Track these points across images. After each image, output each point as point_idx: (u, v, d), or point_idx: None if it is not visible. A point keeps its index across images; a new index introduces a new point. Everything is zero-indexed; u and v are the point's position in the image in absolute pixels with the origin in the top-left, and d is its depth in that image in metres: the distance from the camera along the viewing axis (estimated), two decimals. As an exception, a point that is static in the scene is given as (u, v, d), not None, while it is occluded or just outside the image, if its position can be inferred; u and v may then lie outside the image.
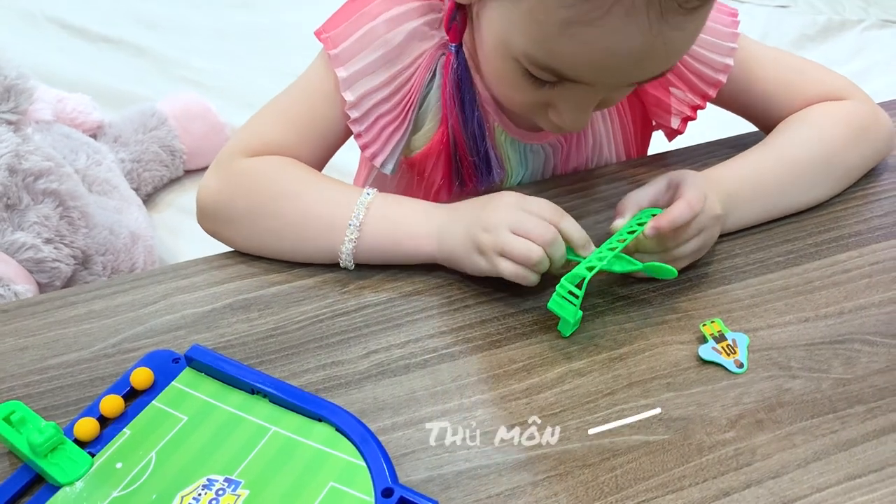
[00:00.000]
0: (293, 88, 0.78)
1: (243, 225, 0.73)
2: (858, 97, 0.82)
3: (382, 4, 0.73)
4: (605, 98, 0.69)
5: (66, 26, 1.92)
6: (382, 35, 0.72)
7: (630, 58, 0.60)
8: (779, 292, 0.70)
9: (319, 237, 0.71)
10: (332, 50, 0.72)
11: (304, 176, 0.74)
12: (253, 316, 0.69)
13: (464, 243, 0.68)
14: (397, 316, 0.69)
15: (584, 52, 0.59)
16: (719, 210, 0.70)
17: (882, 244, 0.75)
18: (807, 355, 0.65)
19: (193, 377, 0.61)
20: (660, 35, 0.58)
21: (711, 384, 0.63)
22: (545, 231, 0.65)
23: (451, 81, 0.74)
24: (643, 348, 0.65)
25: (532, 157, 0.84)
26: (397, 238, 0.71)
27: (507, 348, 0.66)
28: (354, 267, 0.72)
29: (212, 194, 0.75)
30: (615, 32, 0.57)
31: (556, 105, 0.67)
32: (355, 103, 0.73)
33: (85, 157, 1.23)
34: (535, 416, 0.60)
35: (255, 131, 0.77)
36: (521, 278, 0.65)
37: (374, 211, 0.70)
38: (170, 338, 0.67)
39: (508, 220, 0.66)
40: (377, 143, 0.76)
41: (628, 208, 0.69)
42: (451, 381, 0.63)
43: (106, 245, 1.10)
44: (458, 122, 0.76)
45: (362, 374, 0.64)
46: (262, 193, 0.72)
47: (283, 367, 0.64)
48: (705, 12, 0.60)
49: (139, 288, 0.72)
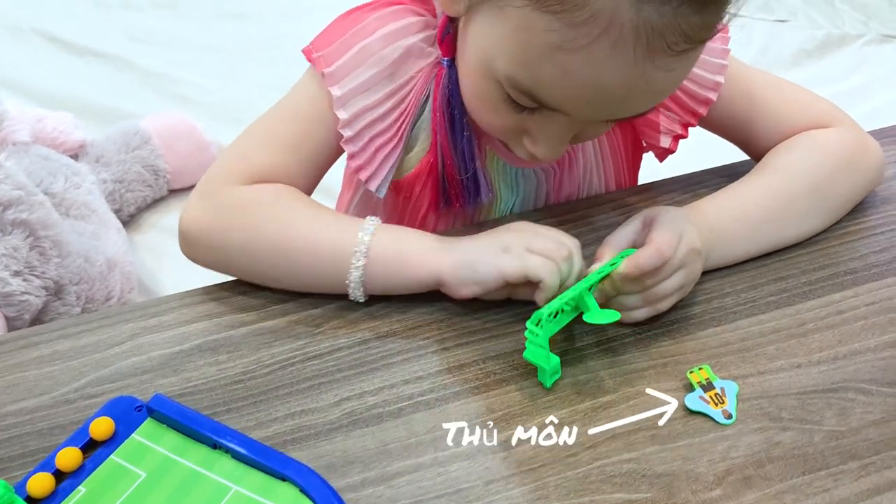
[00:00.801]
0: (279, 108, 0.76)
1: (240, 258, 0.71)
2: (847, 124, 0.80)
3: (379, 21, 0.71)
4: (582, 132, 0.67)
5: (54, 40, 1.89)
6: (378, 51, 0.70)
7: (613, 93, 0.58)
8: (770, 335, 0.67)
9: (325, 268, 0.69)
10: (326, 69, 0.70)
11: (301, 206, 0.71)
12: (221, 359, 0.66)
13: (487, 245, 0.67)
14: (372, 359, 0.66)
15: (567, 80, 0.57)
16: (698, 244, 0.67)
17: (878, 283, 0.72)
18: (798, 405, 0.62)
19: (155, 429, 0.58)
20: (644, 73, 0.56)
21: (698, 437, 0.60)
22: (561, 247, 0.65)
23: (442, 96, 0.72)
24: (627, 397, 0.62)
25: (524, 182, 0.81)
26: (404, 260, 0.68)
27: (485, 396, 0.63)
28: (365, 299, 0.69)
29: (200, 225, 0.72)
30: (600, 64, 0.55)
31: (532, 133, 0.65)
32: (349, 121, 0.71)
33: (63, 179, 1.20)
34: (513, 473, 0.57)
35: (243, 154, 0.74)
36: (552, 274, 0.64)
37: (380, 236, 0.68)
38: (135, 382, 0.65)
39: (526, 239, 0.66)
40: (372, 164, 0.73)
41: (606, 254, 0.67)
42: (425, 433, 0.60)
43: (80, 274, 1.08)
44: (447, 139, 0.73)
45: (332, 424, 0.61)
46: (259, 227, 0.70)
47: (251, 416, 0.62)
48: (694, 56, 0.58)
49: (106, 327, 0.70)
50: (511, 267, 0.64)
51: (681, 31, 0.55)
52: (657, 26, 0.54)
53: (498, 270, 0.65)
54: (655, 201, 0.82)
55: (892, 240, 0.77)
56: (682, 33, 0.55)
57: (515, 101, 0.62)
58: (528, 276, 0.64)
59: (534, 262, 0.64)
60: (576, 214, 0.81)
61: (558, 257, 0.64)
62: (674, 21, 0.54)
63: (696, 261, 0.68)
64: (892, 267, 0.74)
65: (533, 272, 0.64)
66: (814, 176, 0.75)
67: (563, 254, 0.65)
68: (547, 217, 0.80)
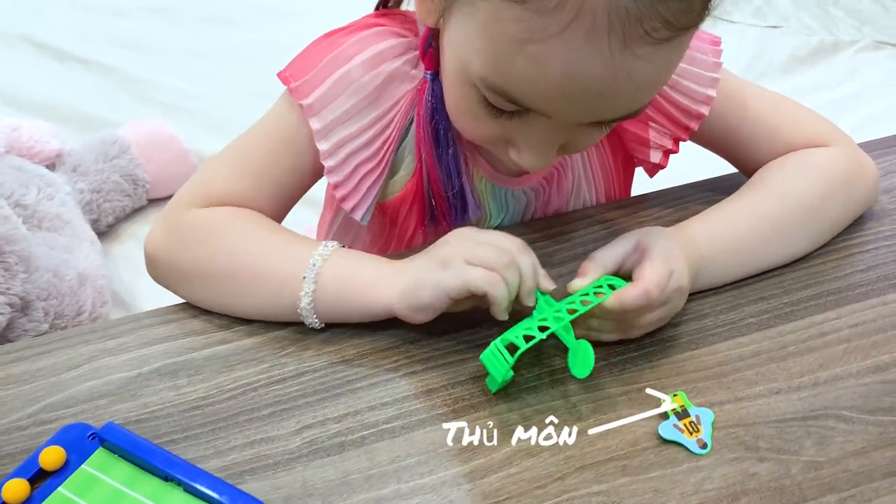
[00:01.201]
0: (251, 132, 0.73)
1: (197, 282, 0.69)
2: (842, 142, 0.77)
3: (357, 45, 0.68)
4: (570, 141, 0.63)
5: (38, 45, 1.87)
6: (359, 79, 0.67)
7: (590, 87, 0.54)
8: (749, 359, 0.65)
9: (276, 294, 0.66)
10: (305, 100, 0.67)
11: (257, 229, 0.69)
12: (181, 383, 0.64)
13: (426, 264, 0.63)
14: (337, 384, 0.64)
15: (540, 74, 0.54)
16: (686, 282, 0.65)
17: (862, 304, 0.70)
18: (776, 433, 0.59)
19: (106, 459, 0.56)
20: (623, 64, 0.53)
21: (671, 467, 0.57)
22: (502, 254, 0.61)
23: (426, 110, 0.69)
24: (599, 424, 0.60)
25: (513, 201, 0.79)
26: (355, 288, 0.65)
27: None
28: (322, 326, 0.66)
29: (160, 247, 0.70)
30: (573, 54, 0.52)
31: (516, 141, 0.62)
32: (331, 151, 0.69)
33: (36, 190, 1.18)
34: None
35: (208, 178, 0.72)
36: (494, 286, 0.60)
37: (331, 263, 0.65)
38: (90, 408, 0.62)
39: (464, 250, 0.62)
40: (357, 193, 0.71)
41: (591, 270, 0.64)
42: (388, 463, 0.58)
43: (48, 289, 1.05)
44: (432, 154, 0.71)
45: (293, 454, 0.59)
46: (213, 250, 0.68)
47: (208, 444, 0.59)
48: (677, 46, 0.55)
49: (64, 349, 0.67)
50: (451, 283, 0.61)
51: (660, 17, 0.52)
52: (633, 11, 0.51)
53: (439, 289, 0.61)
54: (637, 216, 0.80)
55: (877, 258, 0.75)
56: (662, 19, 0.52)
57: (494, 106, 0.59)
58: (469, 290, 0.60)
59: (475, 276, 0.60)
60: (554, 230, 0.78)
61: (500, 266, 0.60)
62: (651, 6, 0.51)
63: (681, 299, 0.65)
64: (876, 287, 0.72)
65: (474, 286, 0.60)
66: (806, 198, 0.73)
67: (504, 261, 0.61)
68: (528, 232, 0.77)
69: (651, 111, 0.76)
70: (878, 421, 0.60)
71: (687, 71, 0.73)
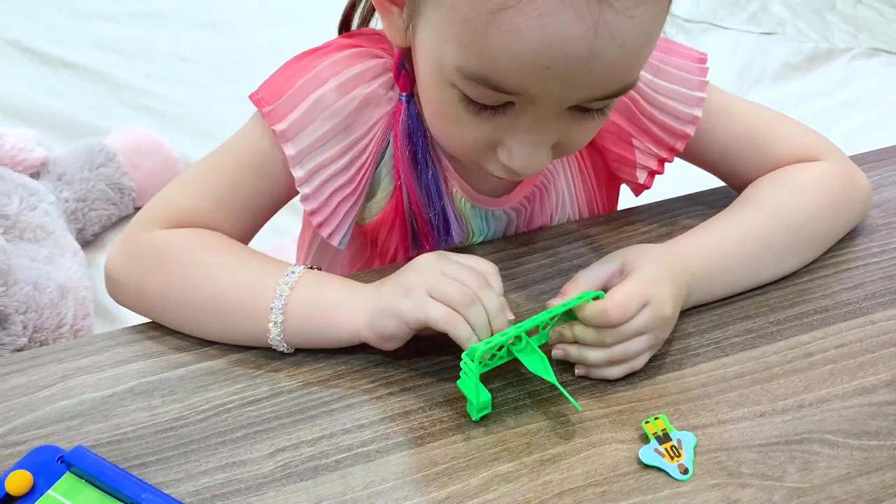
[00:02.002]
0: (218, 153, 0.71)
1: (158, 306, 0.67)
2: (834, 157, 0.76)
3: (331, 67, 0.66)
4: (564, 138, 0.60)
5: (27, 50, 1.86)
6: (333, 104, 0.66)
7: (572, 52, 0.51)
8: (733, 380, 0.64)
9: (244, 325, 0.64)
10: (277, 125, 0.65)
11: (222, 254, 0.67)
12: (155, 403, 0.63)
13: (391, 290, 0.61)
14: (312, 405, 0.62)
15: (517, 45, 0.51)
16: (670, 310, 0.63)
17: (848, 323, 0.69)
18: (759, 458, 0.58)
19: (73, 484, 0.55)
20: (604, 22, 0.50)
21: (651, 493, 0.56)
22: (464, 293, 0.58)
23: (403, 132, 0.68)
24: (579, 448, 0.59)
25: (494, 221, 0.77)
26: (324, 317, 0.63)
27: (429, 447, 0.59)
28: (293, 351, 0.65)
29: (120, 270, 0.68)
30: (547, 16, 0.49)
31: (505, 142, 0.59)
32: (306, 178, 0.67)
33: (18, 200, 1.17)
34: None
35: (171, 198, 0.70)
36: (455, 326, 0.58)
37: (298, 291, 0.63)
38: (62, 429, 0.61)
39: (428, 281, 0.60)
40: (334, 220, 0.70)
41: (572, 292, 0.63)
42: (362, 489, 0.57)
43: (27, 302, 1.04)
44: (411, 177, 0.70)
45: (265, 478, 0.57)
46: (177, 278, 0.66)
47: (180, 468, 0.58)
48: (659, 2, 0.52)
49: (38, 367, 0.66)
50: (410, 314, 0.59)
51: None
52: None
53: (399, 319, 0.59)
54: (623, 230, 0.79)
55: (865, 275, 0.74)
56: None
57: (476, 103, 0.56)
58: (429, 325, 0.59)
59: (435, 313, 0.58)
60: (537, 245, 0.77)
61: (462, 305, 0.58)
62: None
63: (664, 329, 0.64)
64: (864, 305, 0.70)
65: (433, 323, 0.58)
66: (798, 216, 0.72)
67: (466, 301, 0.58)
68: (510, 247, 0.76)
69: (635, 132, 0.74)
70: (863, 445, 0.59)
71: (672, 90, 0.72)
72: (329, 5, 0.78)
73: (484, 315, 0.59)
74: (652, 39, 0.55)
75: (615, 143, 0.76)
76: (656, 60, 0.70)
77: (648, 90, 0.71)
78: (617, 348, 0.61)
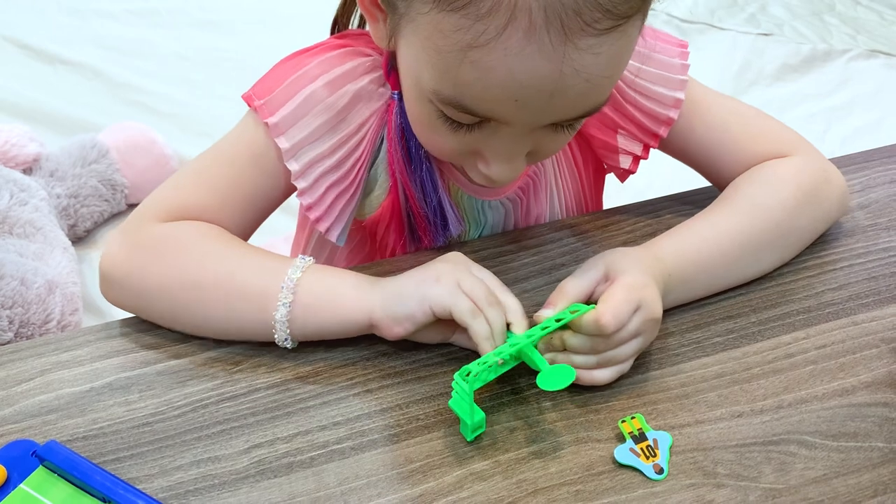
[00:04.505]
0: (216, 149, 0.71)
1: (159, 299, 0.66)
2: (809, 153, 0.76)
3: (322, 65, 0.67)
4: (537, 148, 0.62)
5: (25, 47, 1.86)
6: (324, 99, 0.66)
7: (540, 88, 0.53)
8: (713, 380, 0.64)
9: (249, 308, 0.64)
10: (270, 118, 0.66)
11: (225, 245, 0.67)
12: (132, 398, 0.63)
13: (419, 276, 0.62)
14: (289, 402, 0.62)
15: (488, 80, 0.53)
16: (659, 311, 0.63)
17: (831, 324, 0.68)
18: (736, 459, 0.58)
19: (45, 478, 0.55)
20: (568, 60, 0.51)
21: (625, 493, 0.56)
22: (489, 295, 0.60)
23: (396, 129, 0.68)
24: (554, 447, 0.59)
25: (491, 213, 0.78)
26: (334, 298, 0.63)
27: (405, 444, 0.59)
28: (294, 346, 0.65)
29: (118, 263, 0.67)
30: (515, 56, 0.51)
31: (482, 153, 0.61)
32: (301, 172, 0.67)
33: (8, 196, 1.17)
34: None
35: (170, 193, 0.70)
36: (477, 320, 0.59)
37: (310, 274, 0.64)
38: (38, 423, 0.61)
39: (460, 275, 0.61)
40: (331, 215, 0.70)
41: (559, 302, 0.62)
42: (336, 485, 0.57)
43: (14, 297, 1.04)
44: (406, 173, 0.70)
45: (239, 474, 0.57)
46: (179, 264, 0.65)
47: (154, 463, 0.58)
48: (622, 35, 0.53)
49: (17, 361, 0.66)
50: (439, 298, 0.60)
51: (598, 6, 0.50)
52: (570, 4, 0.49)
53: (425, 301, 0.60)
54: (608, 229, 0.78)
55: (849, 276, 0.73)
56: (601, 8, 0.50)
57: (453, 120, 0.58)
58: (452, 313, 0.59)
59: (462, 304, 0.59)
60: (521, 244, 0.77)
61: (486, 304, 0.60)
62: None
63: (654, 330, 0.64)
64: (847, 306, 0.70)
65: (458, 312, 0.59)
66: (775, 213, 0.72)
67: (491, 300, 0.60)
68: (493, 245, 0.76)
69: (619, 118, 0.74)
70: (840, 447, 0.59)
71: (654, 75, 0.72)
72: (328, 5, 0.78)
73: (503, 319, 0.60)
74: (620, 67, 0.57)
75: (600, 129, 0.76)
76: (642, 48, 0.70)
77: (635, 78, 0.72)
78: (608, 353, 0.61)
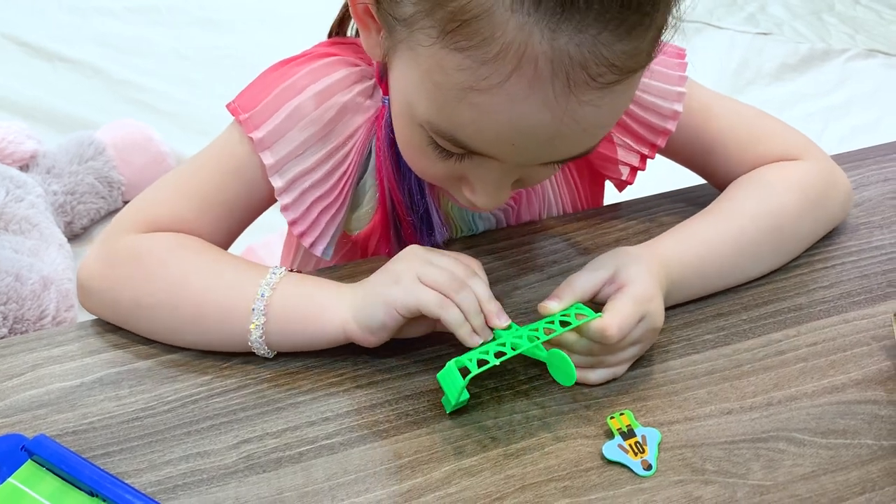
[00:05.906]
0: (196, 159, 0.70)
1: (136, 317, 0.66)
2: (815, 156, 0.75)
3: (309, 76, 0.66)
4: (524, 177, 0.62)
5: (25, 45, 1.86)
6: (311, 112, 0.65)
7: (537, 134, 0.52)
8: (703, 377, 0.64)
9: (223, 328, 0.63)
10: (255, 133, 0.65)
11: (201, 258, 0.66)
12: (123, 393, 0.63)
13: (378, 280, 0.62)
14: (279, 398, 0.62)
15: (486, 123, 0.52)
16: (660, 321, 0.63)
17: (822, 321, 0.68)
18: (724, 455, 0.58)
19: (34, 472, 0.55)
20: (569, 112, 0.51)
21: (613, 489, 0.56)
22: (453, 280, 0.59)
23: (385, 136, 0.67)
24: (543, 443, 0.59)
25: (482, 222, 0.77)
26: (307, 315, 0.63)
27: (394, 440, 0.59)
28: (273, 355, 0.64)
29: (95, 276, 0.67)
30: (517, 103, 0.50)
31: (469, 180, 0.60)
32: (285, 188, 0.66)
33: (4, 192, 1.17)
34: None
35: (148, 203, 0.69)
36: (446, 309, 0.58)
37: (280, 291, 0.63)
38: (29, 417, 0.61)
39: (417, 268, 0.60)
40: (315, 229, 0.69)
41: (566, 296, 0.62)
42: (324, 480, 0.57)
43: (8, 293, 1.04)
44: (394, 180, 0.69)
45: (228, 469, 0.57)
46: (153, 282, 0.65)
47: (143, 457, 0.58)
48: (625, 88, 0.53)
49: (8, 356, 0.66)
50: (401, 299, 0.59)
51: (605, 62, 0.50)
52: (576, 57, 0.49)
53: (389, 305, 0.59)
54: (602, 227, 0.78)
55: (842, 274, 0.73)
56: (608, 63, 0.50)
57: (442, 147, 0.57)
58: (420, 310, 0.59)
59: (426, 297, 0.58)
60: (515, 241, 0.77)
61: (452, 289, 0.59)
62: (595, 50, 0.49)
63: (654, 337, 0.64)
64: (839, 304, 0.70)
65: (425, 308, 0.58)
66: (778, 217, 0.71)
67: (455, 285, 0.59)
68: (486, 242, 0.76)
69: (616, 130, 0.74)
70: (829, 444, 0.59)
71: (652, 86, 0.71)
72: (327, 4, 0.78)
73: (474, 299, 0.59)
74: (618, 116, 0.57)
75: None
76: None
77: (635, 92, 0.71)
78: (605, 357, 0.61)
